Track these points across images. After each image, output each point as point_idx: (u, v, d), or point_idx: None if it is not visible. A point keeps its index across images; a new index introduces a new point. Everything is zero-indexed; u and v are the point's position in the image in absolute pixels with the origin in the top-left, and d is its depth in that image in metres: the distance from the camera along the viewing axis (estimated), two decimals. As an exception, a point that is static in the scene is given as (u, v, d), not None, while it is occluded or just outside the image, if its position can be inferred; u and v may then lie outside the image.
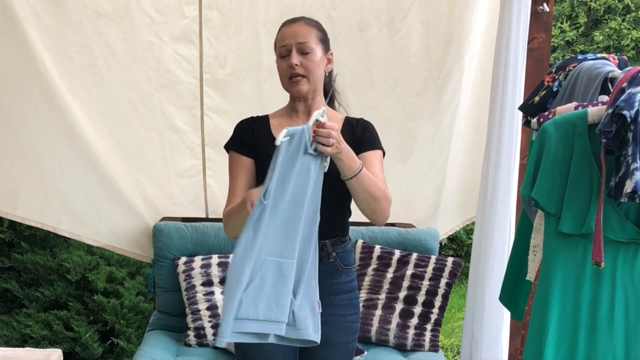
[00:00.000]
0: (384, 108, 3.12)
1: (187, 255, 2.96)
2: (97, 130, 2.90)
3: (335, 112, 2.00)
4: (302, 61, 1.85)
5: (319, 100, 1.95)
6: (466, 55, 3.05)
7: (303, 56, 1.85)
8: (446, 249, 5.53)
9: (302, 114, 1.94)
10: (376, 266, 2.96)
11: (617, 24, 6.45)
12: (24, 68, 2.71)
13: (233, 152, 1.93)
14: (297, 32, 1.86)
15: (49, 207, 2.89)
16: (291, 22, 1.91)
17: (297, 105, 1.95)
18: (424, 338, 2.83)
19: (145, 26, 2.85)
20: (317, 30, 1.89)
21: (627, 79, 1.59)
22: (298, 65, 1.84)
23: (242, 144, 1.92)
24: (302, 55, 1.85)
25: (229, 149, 1.95)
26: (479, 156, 2.73)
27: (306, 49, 1.85)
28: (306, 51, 1.85)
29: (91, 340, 3.35)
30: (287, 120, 1.93)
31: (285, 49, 1.86)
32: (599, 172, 1.62)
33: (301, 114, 1.94)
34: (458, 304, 4.81)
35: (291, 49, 1.85)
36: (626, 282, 1.65)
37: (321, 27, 1.93)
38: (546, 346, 1.68)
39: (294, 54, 1.84)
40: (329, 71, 1.96)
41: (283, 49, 1.86)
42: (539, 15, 2.60)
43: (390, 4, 2.97)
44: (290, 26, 1.88)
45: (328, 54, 1.94)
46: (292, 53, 1.84)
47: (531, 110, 1.97)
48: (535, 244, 1.83)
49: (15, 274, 3.72)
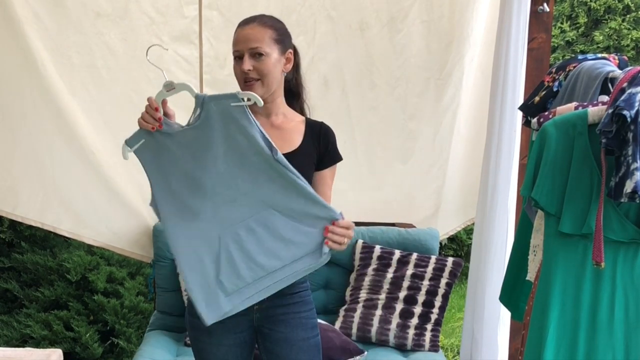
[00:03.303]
0: (384, 108, 3.12)
1: (187, 255, 2.96)
2: (97, 131, 2.90)
3: (295, 114, 1.93)
4: (255, 65, 1.79)
5: (279, 102, 1.89)
6: (466, 56, 3.05)
7: (256, 60, 1.79)
8: (446, 249, 5.53)
9: (260, 115, 1.87)
10: (376, 266, 2.96)
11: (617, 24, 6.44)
12: (24, 68, 2.71)
13: None
14: (249, 37, 1.79)
15: (49, 207, 2.89)
16: (244, 23, 1.82)
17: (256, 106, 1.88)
18: (424, 338, 2.83)
19: (144, 26, 2.85)
20: (272, 31, 1.82)
21: (627, 79, 1.59)
22: (251, 70, 1.79)
23: None
24: (255, 59, 1.79)
25: None
26: (479, 156, 2.73)
27: (259, 54, 1.79)
28: (259, 55, 1.79)
29: (91, 340, 3.35)
30: None
31: (238, 54, 1.81)
32: (599, 172, 1.62)
33: (260, 115, 1.87)
34: (458, 304, 4.81)
35: (243, 54, 1.79)
36: (626, 282, 1.65)
37: (278, 26, 1.84)
38: (546, 346, 1.68)
39: (246, 59, 1.79)
40: (288, 71, 1.88)
41: (236, 53, 1.82)
42: (539, 15, 2.60)
43: (390, 4, 2.97)
44: (244, 29, 1.81)
45: (287, 53, 1.85)
46: (244, 58, 1.79)
47: (531, 110, 1.97)
48: (535, 244, 1.83)
49: (16, 274, 3.72)
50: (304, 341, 1.90)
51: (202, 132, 1.71)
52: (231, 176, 1.71)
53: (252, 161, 1.70)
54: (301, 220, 1.70)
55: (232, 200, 1.71)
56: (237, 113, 1.69)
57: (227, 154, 1.70)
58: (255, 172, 1.70)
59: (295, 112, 1.94)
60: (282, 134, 1.87)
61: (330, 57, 3.03)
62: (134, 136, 1.74)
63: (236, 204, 1.71)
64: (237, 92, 1.70)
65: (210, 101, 1.70)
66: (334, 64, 3.05)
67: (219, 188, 1.71)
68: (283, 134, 1.87)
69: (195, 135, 1.71)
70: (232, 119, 1.69)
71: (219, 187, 1.71)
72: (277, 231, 1.71)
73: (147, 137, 1.73)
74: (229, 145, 1.70)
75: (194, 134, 1.71)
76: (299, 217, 1.71)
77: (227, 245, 1.71)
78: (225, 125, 1.70)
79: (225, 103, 1.69)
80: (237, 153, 1.70)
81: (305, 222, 1.70)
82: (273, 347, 1.89)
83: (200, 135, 1.71)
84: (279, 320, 1.87)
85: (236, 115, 1.69)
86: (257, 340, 1.94)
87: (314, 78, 3.03)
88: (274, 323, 1.87)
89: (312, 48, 3.00)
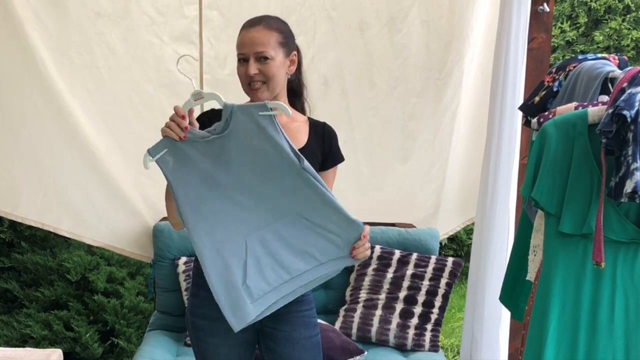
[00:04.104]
0: (384, 108, 3.12)
1: (187, 255, 2.96)
2: (97, 130, 2.90)
3: (297, 113, 1.95)
4: (260, 68, 1.79)
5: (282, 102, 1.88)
6: (466, 56, 3.05)
7: (262, 64, 1.79)
8: (446, 249, 5.53)
9: None
10: (376, 266, 2.96)
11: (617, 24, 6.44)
12: (24, 68, 2.72)
13: None
14: (254, 40, 1.79)
15: (49, 207, 2.89)
16: (250, 26, 1.82)
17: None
18: (424, 338, 2.83)
19: (145, 26, 2.85)
20: (277, 34, 1.82)
21: (627, 79, 1.59)
22: (257, 74, 1.80)
23: None
24: (261, 63, 1.79)
25: None
26: (479, 156, 2.73)
27: (264, 57, 1.79)
28: (265, 59, 1.79)
29: (91, 340, 3.35)
30: None
31: (243, 57, 1.81)
32: (599, 172, 1.62)
33: None
34: (458, 304, 4.81)
35: (249, 57, 1.79)
36: (626, 282, 1.65)
37: (283, 29, 1.85)
38: (546, 346, 1.68)
39: (252, 62, 1.79)
40: (292, 73, 1.89)
41: (241, 57, 1.81)
42: (539, 15, 2.60)
43: (390, 4, 2.97)
44: (249, 31, 1.80)
45: (291, 56, 1.86)
46: (249, 62, 1.79)
47: (531, 110, 1.97)
48: (535, 244, 1.83)
49: (16, 274, 3.72)
50: (306, 339, 1.91)
51: (229, 141, 1.71)
52: (257, 183, 1.72)
53: (279, 169, 1.71)
54: (325, 227, 1.73)
55: (258, 206, 1.73)
56: (265, 123, 1.71)
57: (254, 163, 1.72)
58: (282, 180, 1.72)
59: (297, 111, 1.95)
60: (288, 133, 1.88)
61: (330, 57, 3.04)
62: (157, 145, 1.72)
63: (262, 210, 1.73)
64: (265, 102, 1.71)
65: (238, 111, 1.71)
66: (334, 64, 3.05)
67: (244, 195, 1.72)
68: (288, 133, 1.88)
69: (222, 143, 1.72)
70: (260, 128, 1.71)
71: (245, 194, 1.72)
72: (302, 237, 1.74)
73: (170, 145, 1.72)
74: (256, 154, 1.71)
75: (220, 143, 1.71)
76: (324, 224, 1.73)
77: (254, 249, 1.73)
78: (252, 135, 1.71)
79: (254, 113, 1.70)
80: (264, 161, 1.72)
81: (329, 229, 1.73)
82: (276, 346, 1.90)
83: (226, 144, 1.71)
84: (281, 319, 1.87)
85: (264, 124, 1.70)
86: (258, 339, 1.94)
87: (314, 78, 3.03)
88: (277, 322, 1.88)
89: (312, 48, 3.00)
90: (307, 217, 1.73)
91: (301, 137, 1.89)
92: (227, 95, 3.14)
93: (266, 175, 1.72)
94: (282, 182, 1.72)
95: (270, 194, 1.72)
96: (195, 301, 1.91)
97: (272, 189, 1.72)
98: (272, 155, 1.71)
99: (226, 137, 1.71)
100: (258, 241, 1.73)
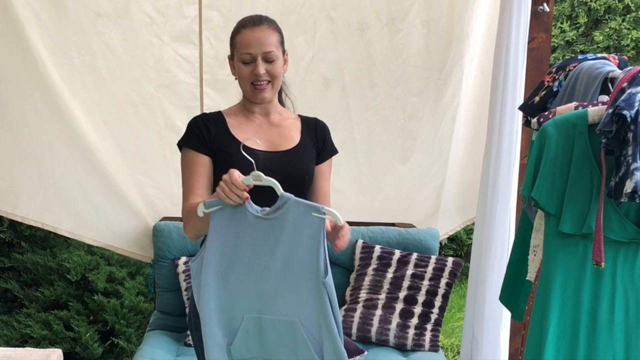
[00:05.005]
0: (384, 108, 3.12)
1: (187, 255, 2.96)
2: (97, 130, 2.90)
3: (287, 111, 1.97)
4: (267, 68, 1.81)
5: (275, 101, 1.93)
6: (466, 56, 3.05)
7: (269, 64, 1.81)
8: (446, 249, 5.53)
9: (259, 115, 1.91)
10: (376, 266, 2.96)
11: (617, 24, 6.44)
12: (24, 68, 2.71)
13: (189, 150, 1.86)
14: (262, 40, 1.80)
15: (49, 207, 2.89)
16: (253, 25, 1.82)
17: (253, 106, 1.91)
18: (424, 338, 2.83)
19: (145, 26, 2.85)
20: (278, 34, 1.84)
21: (627, 79, 1.59)
22: (264, 74, 1.81)
23: (199, 142, 1.85)
24: (268, 63, 1.81)
25: (184, 146, 1.87)
26: (479, 156, 2.73)
27: (272, 58, 1.81)
28: (272, 59, 1.81)
29: (91, 340, 3.35)
30: (245, 121, 1.91)
31: (249, 57, 1.81)
32: (599, 172, 1.62)
33: (258, 115, 1.91)
34: (458, 304, 4.81)
35: (257, 57, 1.80)
36: (626, 282, 1.65)
37: (279, 28, 1.87)
38: (546, 346, 1.68)
39: (260, 62, 1.80)
40: (285, 72, 1.91)
41: (247, 56, 1.81)
42: (539, 15, 2.60)
43: (390, 4, 2.97)
44: (254, 30, 1.81)
45: (285, 55, 1.89)
46: (257, 62, 1.80)
47: (531, 110, 1.97)
48: (535, 244, 1.83)
49: (16, 274, 3.72)
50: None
51: (274, 225, 1.73)
52: (279, 274, 1.74)
53: (305, 271, 1.73)
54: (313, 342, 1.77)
55: (268, 294, 1.75)
56: (313, 223, 1.71)
57: (285, 256, 1.73)
58: (299, 283, 1.74)
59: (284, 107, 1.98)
60: (281, 131, 1.92)
61: (330, 57, 3.04)
62: (213, 201, 1.73)
63: (270, 300, 1.75)
64: (321, 206, 1.72)
65: (293, 203, 1.72)
66: (334, 64, 3.05)
67: (263, 278, 1.75)
68: (282, 131, 1.92)
69: (266, 225, 1.73)
70: (307, 226, 1.72)
71: (264, 277, 1.74)
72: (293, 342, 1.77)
73: (225, 205, 1.73)
74: (291, 248, 1.73)
75: (265, 224, 1.73)
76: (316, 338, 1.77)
77: (247, 327, 1.77)
78: (297, 230, 1.72)
79: (307, 211, 1.71)
80: (294, 259, 1.73)
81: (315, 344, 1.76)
82: None
83: (270, 228, 1.73)
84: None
85: (312, 224, 1.71)
86: None
87: (314, 78, 3.03)
88: None
89: (312, 48, 3.00)
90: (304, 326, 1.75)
91: (295, 135, 1.91)
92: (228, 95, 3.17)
93: (291, 270, 1.73)
94: (299, 284, 1.74)
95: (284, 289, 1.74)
96: None
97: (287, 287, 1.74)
98: (304, 257, 1.73)
99: (273, 220, 1.73)
100: (254, 322, 1.77)
